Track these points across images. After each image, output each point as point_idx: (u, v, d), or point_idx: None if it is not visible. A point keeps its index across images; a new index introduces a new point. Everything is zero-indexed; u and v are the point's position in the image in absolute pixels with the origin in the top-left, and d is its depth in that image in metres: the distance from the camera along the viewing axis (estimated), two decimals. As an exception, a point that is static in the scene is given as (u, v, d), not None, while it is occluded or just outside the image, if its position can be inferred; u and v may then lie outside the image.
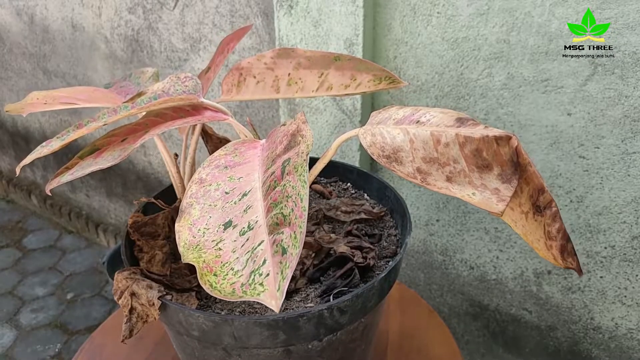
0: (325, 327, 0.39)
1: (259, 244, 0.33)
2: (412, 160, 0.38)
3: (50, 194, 0.42)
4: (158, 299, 0.40)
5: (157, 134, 0.44)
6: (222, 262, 0.33)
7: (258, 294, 0.30)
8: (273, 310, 0.29)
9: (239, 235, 0.34)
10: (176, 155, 0.55)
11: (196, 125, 0.53)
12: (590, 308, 0.73)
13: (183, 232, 0.36)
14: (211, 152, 0.59)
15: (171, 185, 0.56)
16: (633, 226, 0.65)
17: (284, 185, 0.35)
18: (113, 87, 0.62)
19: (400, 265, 0.46)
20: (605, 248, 0.68)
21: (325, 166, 0.44)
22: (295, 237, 0.32)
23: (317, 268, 0.46)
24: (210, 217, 0.36)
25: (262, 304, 0.43)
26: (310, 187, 0.60)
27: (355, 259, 0.45)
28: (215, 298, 0.43)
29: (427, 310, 0.68)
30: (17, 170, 0.43)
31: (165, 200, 0.53)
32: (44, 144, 0.42)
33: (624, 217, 0.65)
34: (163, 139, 0.54)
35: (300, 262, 0.45)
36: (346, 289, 0.43)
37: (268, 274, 0.31)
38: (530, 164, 0.36)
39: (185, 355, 0.46)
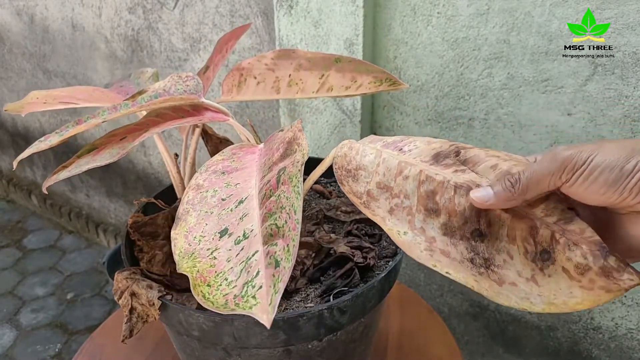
0: (325, 327, 0.39)
1: (254, 254, 0.32)
2: (367, 182, 0.37)
3: (46, 192, 0.42)
4: (158, 299, 0.40)
5: (156, 133, 0.44)
6: (216, 272, 0.33)
7: (250, 308, 0.29)
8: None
9: (234, 244, 0.34)
10: (176, 155, 0.55)
11: (196, 125, 0.53)
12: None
13: (179, 240, 0.36)
14: (211, 152, 0.59)
15: (171, 185, 0.56)
16: (633, 226, 0.65)
17: (279, 195, 0.34)
18: (113, 87, 0.62)
19: (400, 265, 0.46)
20: (605, 248, 0.68)
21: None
22: (288, 251, 0.31)
23: (317, 268, 0.46)
24: (207, 224, 0.36)
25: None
26: (310, 187, 0.60)
27: (355, 259, 0.45)
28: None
29: (427, 310, 0.68)
30: (14, 164, 0.43)
31: (165, 200, 0.53)
32: (42, 138, 0.42)
33: (624, 217, 0.65)
34: (163, 139, 0.54)
35: (301, 262, 0.45)
36: (346, 289, 0.43)
37: (261, 287, 0.30)
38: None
39: (185, 355, 0.46)
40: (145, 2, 1.09)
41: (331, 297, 0.42)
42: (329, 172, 0.62)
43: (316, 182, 0.61)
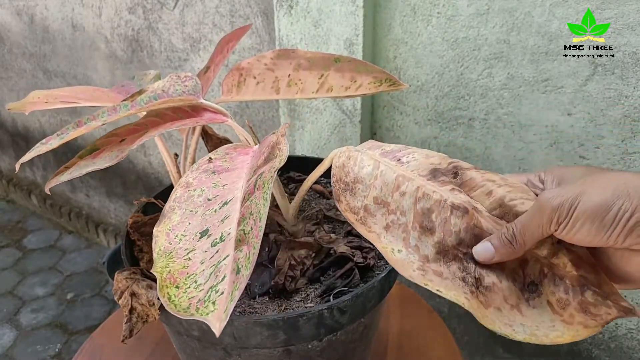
0: (325, 327, 0.39)
1: (225, 258, 0.32)
2: (365, 196, 0.37)
3: (49, 193, 0.42)
4: (158, 299, 0.40)
5: (156, 135, 0.44)
6: (187, 274, 0.33)
7: (207, 314, 0.30)
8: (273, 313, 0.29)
9: (210, 245, 0.34)
10: (176, 155, 0.55)
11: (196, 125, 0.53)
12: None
13: (160, 238, 0.36)
14: (211, 152, 0.59)
15: (171, 185, 0.56)
16: (633, 226, 0.65)
17: (251, 200, 0.34)
18: (114, 87, 0.62)
19: (400, 265, 0.46)
20: (605, 248, 0.68)
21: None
22: (248, 258, 0.31)
23: (317, 268, 0.46)
24: (190, 223, 0.36)
25: (261, 304, 0.43)
26: (310, 187, 0.60)
27: (355, 259, 0.45)
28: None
29: (427, 310, 0.68)
30: (17, 167, 0.43)
31: (165, 200, 0.53)
32: (43, 141, 0.42)
33: (624, 217, 0.65)
34: (163, 139, 0.54)
35: (300, 262, 0.45)
36: (346, 289, 0.43)
37: (222, 292, 0.30)
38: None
39: (185, 355, 0.46)
40: (145, 2, 1.09)
41: (331, 297, 0.42)
42: (329, 172, 0.62)
43: (316, 182, 0.61)
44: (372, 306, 0.43)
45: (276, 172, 0.35)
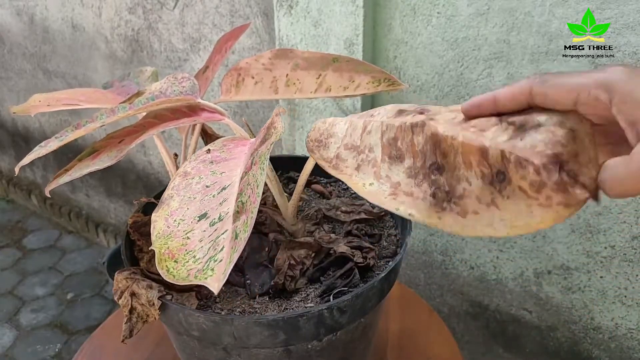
0: (325, 327, 0.39)
1: (223, 233, 0.33)
2: (338, 147, 0.38)
3: (49, 195, 0.42)
4: (158, 299, 0.40)
5: (153, 134, 0.44)
6: (186, 250, 0.34)
7: (205, 278, 0.31)
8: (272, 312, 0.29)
9: (209, 225, 0.35)
10: (176, 155, 0.55)
11: (196, 125, 0.54)
12: (590, 308, 0.73)
13: (159, 222, 0.37)
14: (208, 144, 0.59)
15: (171, 185, 0.56)
16: (633, 226, 0.65)
17: (249, 174, 0.35)
18: (113, 88, 0.62)
19: (400, 265, 0.46)
20: (606, 248, 0.68)
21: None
22: (246, 223, 0.32)
23: (317, 268, 0.46)
24: (188, 208, 0.37)
25: (261, 304, 0.43)
26: (310, 187, 0.60)
27: (355, 259, 0.45)
28: (216, 298, 0.43)
29: (427, 310, 0.68)
30: (16, 170, 0.43)
31: (165, 200, 0.53)
32: (42, 144, 0.43)
33: (624, 217, 0.65)
34: (163, 139, 0.54)
35: (300, 262, 0.45)
36: (346, 289, 0.43)
37: (221, 260, 0.31)
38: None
39: (185, 355, 0.46)
40: (145, 2, 1.09)
41: (331, 297, 0.42)
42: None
43: (316, 182, 0.61)
44: (372, 306, 0.43)
45: (272, 146, 0.36)
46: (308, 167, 0.43)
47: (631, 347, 0.72)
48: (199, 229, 0.35)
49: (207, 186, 0.38)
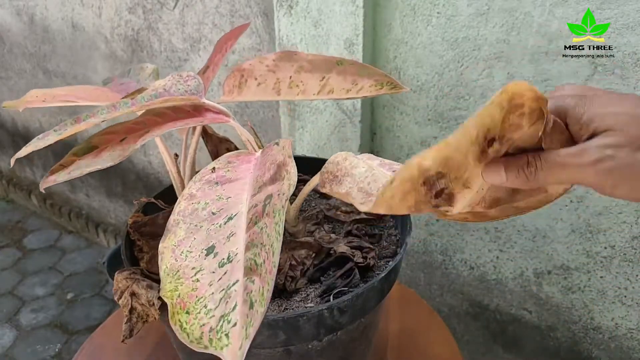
0: (325, 327, 0.39)
1: (234, 284, 0.32)
2: (350, 187, 0.39)
3: (44, 191, 0.41)
4: (158, 299, 0.40)
5: (159, 134, 0.44)
6: (197, 297, 0.33)
7: (221, 348, 0.30)
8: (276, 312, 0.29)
9: (218, 266, 0.34)
10: (176, 155, 0.55)
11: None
12: (590, 308, 0.73)
13: (166, 254, 0.36)
14: (211, 152, 0.59)
15: (171, 185, 0.56)
16: (633, 226, 0.65)
17: (262, 227, 0.34)
18: (113, 84, 0.62)
19: (400, 265, 0.46)
20: (605, 248, 0.68)
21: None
22: (262, 294, 0.31)
23: (317, 268, 0.46)
24: (195, 238, 0.36)
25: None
26: (310, 190, 0.60)
27: (355, 259, 0.45)
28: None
29: (427, 310, 0.68)
30: (12, 161, 0.42)
31: (165, 200, 0.53)
32: (40, 136, 0.41)
33: (624, 217, 0.65)
34: (163, 139, 0.54)
35: (301, 262, 0.45)
36: (346, 289, 0.43)
37: (235, 324, 0.30)
38: None
39: (185, 355, 0.46)
40: (145, 2, 1.09)
41: (331, 297, 0.42)
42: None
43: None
44: (372, 306, 0.43)
45: (287, 199, 0.35)
46: (315, 180, 0.43)
47: (631, 347, 0.72)
48: (208, 270, 0.34)
49: (213, 213, 0.37)
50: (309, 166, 0.55)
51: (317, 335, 0.40)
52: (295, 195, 0.48)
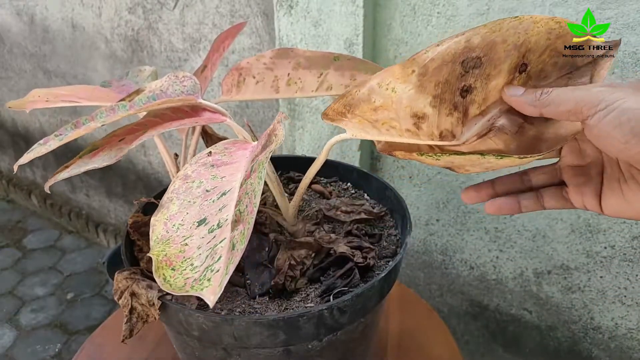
0: (325, 327, 0.39)
1: (221, 241, 0.33)
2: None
3: (49, 191, 0.42)
4: (158, 299, 0.40)
5: (155, 135, 0.44)
6: (184, 257, 0.34)
7: (202, 289, 0.30)
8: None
9: (207, 232, 0.35)
10: (176, 155, 0.55)
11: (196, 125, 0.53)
12: (590, 308, 0.73)
13: (157, 226, 0.36)
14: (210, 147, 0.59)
15: (171, 185, 0.56)
16: (633, 226, 0.65)
17: (248, 183, 0.35)
18: (113, 87, 0.62)
19: (400, 265, 0.46)
20: (605, 248, 0.68)
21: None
22: (243, 234, 0.32)
23: (317, 268, 0.46)
24: (187, 213, 0.37)
25: (262, 304, 0.43)
26: (310, 187, 0.60)
27: (355, 259, 0.45)
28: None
29: (427, 310, 0.68)
30: (15, 168, 0.43)
31: (165, 200, 0.53)
32: (41, 141, 0.42)
33: (624, 217, 0.65)
34: (163, 139, 0.54)
35: (301, 262, 0.45)
36: (346, 289, 0.43)
37: (218, 270, 0.31)
38: None
39: (185, 355, 0.46)
40: (145, 2, 1.09)
41: (331, 297, 0.42)
42: (329, 172, 0.62)
43: (316, 182, 0.61)
44: (372, 306, 0.43)
45: (271, 153, 0.36)
46: (312, 170, 0.43)
47: (631, 347, 0.72)
48: (198, 236, 0.35)
49: (207, 190, 0.38)
50: (309, 166, 0.55)
51: (317, 335, 0.40)
52: (294, 194, 0.48)
